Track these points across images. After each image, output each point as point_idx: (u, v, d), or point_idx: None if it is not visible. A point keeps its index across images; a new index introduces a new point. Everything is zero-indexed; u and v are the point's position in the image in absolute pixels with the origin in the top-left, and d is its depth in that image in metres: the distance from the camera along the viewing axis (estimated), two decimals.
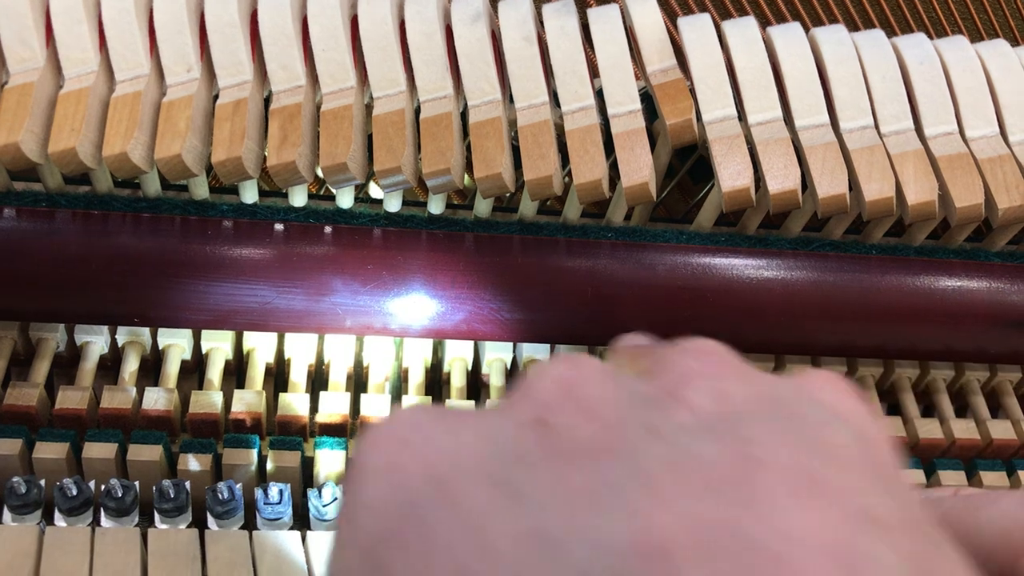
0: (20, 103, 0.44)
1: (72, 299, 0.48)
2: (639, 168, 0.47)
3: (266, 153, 0.46)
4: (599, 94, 0.50)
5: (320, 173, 0.47)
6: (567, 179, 0.50)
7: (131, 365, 0.56)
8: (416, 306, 0.50)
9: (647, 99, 0.51)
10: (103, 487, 0.48)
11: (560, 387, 0.23)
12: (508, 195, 0.59)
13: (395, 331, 0.51)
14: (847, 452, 0.21)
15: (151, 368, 0.58)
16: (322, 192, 0.54)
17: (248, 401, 0.53)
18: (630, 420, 0.22)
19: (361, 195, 0.60)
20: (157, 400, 0.52)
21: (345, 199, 0.51)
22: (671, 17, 0.60)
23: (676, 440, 0.21)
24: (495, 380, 0.57)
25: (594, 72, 0.50)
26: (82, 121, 0.44)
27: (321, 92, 0.47)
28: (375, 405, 0.54)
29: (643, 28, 0.51)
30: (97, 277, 0.47)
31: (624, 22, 0.50)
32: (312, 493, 0.50)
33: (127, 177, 0.45)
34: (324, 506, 0.49)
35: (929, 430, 0.59)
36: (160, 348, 0.57)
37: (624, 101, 0.49)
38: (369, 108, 0.48)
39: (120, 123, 0.44)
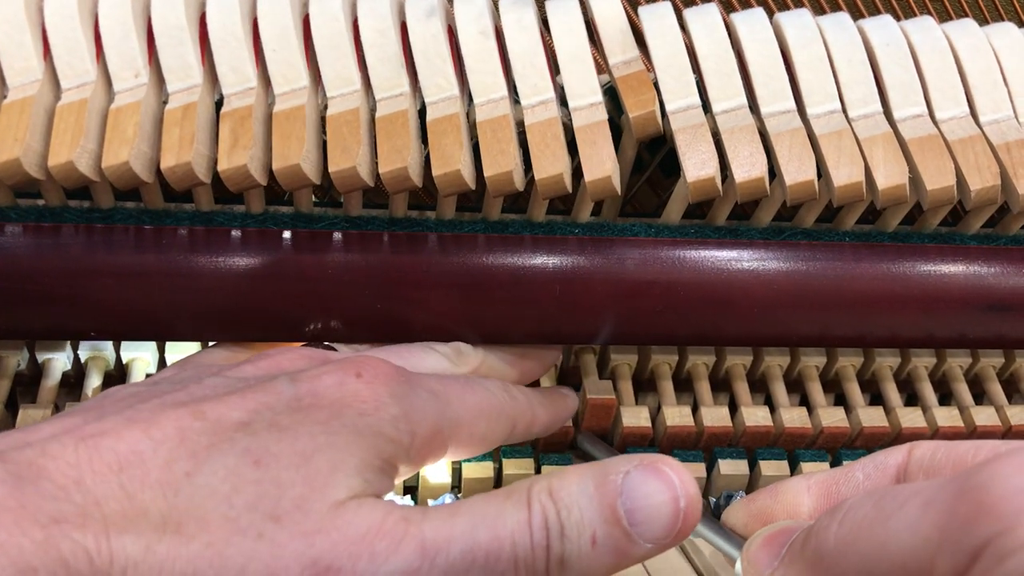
0: None
1: (25, 314, 0.46)
2: (601, 161, 0.46)
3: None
4: (563, 89, 0.48)
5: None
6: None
7: (94, 381, 0.55)
8: None
9: (612, 92, 0.50)
10: None
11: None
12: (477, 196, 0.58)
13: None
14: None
15: (116, 383, 0.56)
16: (286, 196, 0.53)
17: None
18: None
19: (325, 198, 0.59)
20: None
21: (303, 201, 0.50)
22: (633, 5, 0.59)
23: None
24: None
25: (556, 67, 0.49)
26: (26, 131, 0.43)
27: (273, 93, 0.46)
28: None
29: (604, 19, 0.50)
30: (50, 291, 0.46)
31: (584, 13, 0.49)
32: None
33: (75, 187, 0.44)
34: None
35: (912, 419, 0.58)
36: (124, 363, 0.55)
37: (585, 94, 0.48)
38: (324, 108, 0.47)
39: (66, 132, 0.43)
